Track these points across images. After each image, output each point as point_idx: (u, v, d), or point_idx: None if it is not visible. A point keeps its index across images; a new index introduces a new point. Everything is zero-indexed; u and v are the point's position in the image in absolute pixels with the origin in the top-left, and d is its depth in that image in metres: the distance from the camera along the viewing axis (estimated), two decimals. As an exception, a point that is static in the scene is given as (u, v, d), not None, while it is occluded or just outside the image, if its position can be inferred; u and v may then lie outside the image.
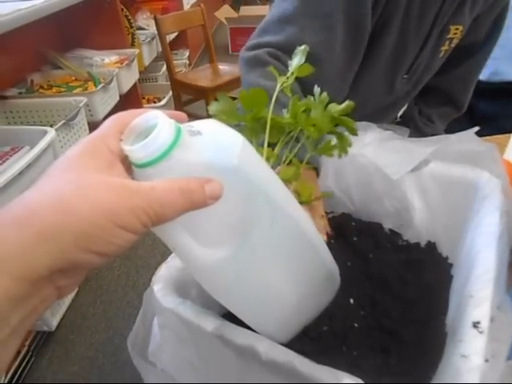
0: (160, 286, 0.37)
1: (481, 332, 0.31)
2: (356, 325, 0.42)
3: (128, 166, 0.25)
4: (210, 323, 0.33)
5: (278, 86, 0.41)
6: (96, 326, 1.31)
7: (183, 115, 0.28)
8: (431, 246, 0.51)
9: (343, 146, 0.45)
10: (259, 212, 0.29)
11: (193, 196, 0.24)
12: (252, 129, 0.40)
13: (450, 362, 0.30)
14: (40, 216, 0.20)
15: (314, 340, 0.38)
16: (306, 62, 0.40)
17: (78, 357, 1.23)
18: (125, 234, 0.22)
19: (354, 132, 0.44)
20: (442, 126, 0.95)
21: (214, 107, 0.37)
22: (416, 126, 0.93)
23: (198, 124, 0.27)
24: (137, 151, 0.24)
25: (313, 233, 0.36)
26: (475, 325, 0.32)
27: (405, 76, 0.81)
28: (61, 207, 0.20)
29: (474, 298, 0.34)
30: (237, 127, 0.28)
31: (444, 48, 0.80)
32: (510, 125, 0.85)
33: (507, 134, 0.86)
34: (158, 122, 0.24)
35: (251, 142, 0.40)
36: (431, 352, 0.37)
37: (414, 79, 0.83)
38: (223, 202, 0.26)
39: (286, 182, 0.42)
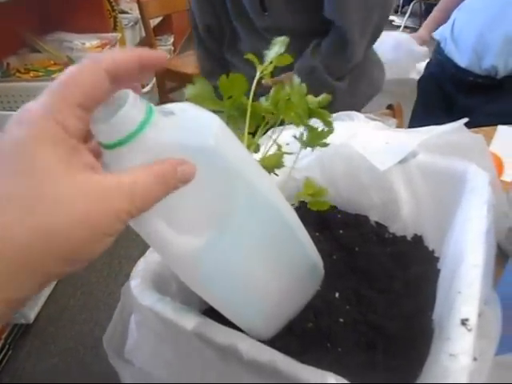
0: (137, 282, 0.35)
1: (469, 330, 0.30)
2: (341, 320, 0.41)
3: (93, 146, 0.23)
4: (189, 321, 0.32)
5: (258, 74, 0.39)
6: (76, 318, 1.28)
7: (162, 56, 0.25)
8: (418, 239, 0.51)
9: (317, 139, 0.43)
10: (238, 197, 0.27)
11: (167, 181, 0.22)
12: (230, 116, 0.38)
13: (438, 361, 0.30)
14: (14, 245, 0.18)
15: (297, 337, 0.37)
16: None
17: (58, 349, 1.20)
18: (108, 239, 0.21)
19: (329, 125, 0.43)
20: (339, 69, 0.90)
21: (190, 90, 0.35)
22: (318, 78, 0.89)
23: (171, 105, 0.26)
24: (105, 131, 0.22)
25: (295, 221, 0.35)
26: (463, 322, 0.31)
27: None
28: (36, 231, 0.18)
29: (462, 294, 0.33)
30: (214, 114, 0.27)
31: None
32: (486, 119, 0.85)
33: (493, 126, 0.86)
34: (127, 101, 0.22)
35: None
36: (418, 348, 0.36)
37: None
38: (199, 185, 0.25)
39: (269, 170, 0.41)
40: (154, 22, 2.39)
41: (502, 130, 0.83)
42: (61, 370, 1.15)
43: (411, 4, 3.88)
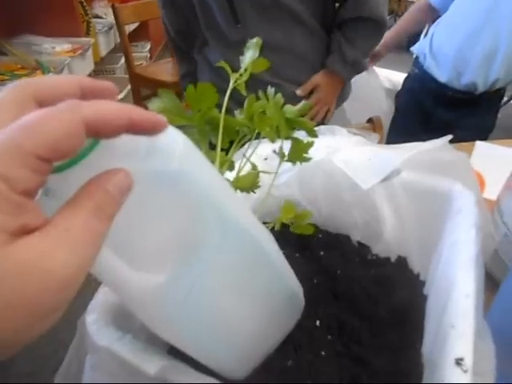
0: (94, 317, 0.31)
1: (465, 371, 0.28)
2: (323, 353, 0.38)
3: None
4: (152, 364, 0.28)
5: (231, 83, 0.35)
6: (39, 339, 1.20)
7: (111, 87, 0.21)
8: (402, 262, 0.48)
9: (299, 153, 0.41)
10: (206, 225, 0.24)
11: (106, 210, 0.18)
12: (201, 131, 0.35)
13: (432, 407, 0.27)
14: None
15: (276, 376, 0.33)
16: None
17: (18, 374, 1.12)
18: (56, 315, 0.17)
19: (313, 134, 0.40)
20: (366, 47, 0.96)
21: (155, 104, 0.31)
22: (340, 50, 0.93)
23: None
24: None
25: (272, 248, 0.31)
26: (458, 362, 0.28)
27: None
28: None
29: (456, 329, 0.30)
30: (182, 129, 0.23)
31: None
32: (464, 135, 0.85)
33: (471, 142, 0.85)
34: None
35: (199, 146, 0.34)
36: (406, 386, 0.33)
37: None
38: (160, 214, 0.21)
39: (244, 191, 0.37)
40: (129, 28, 2.33)
41: (480, 145, 0.82)
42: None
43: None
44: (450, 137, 0.49)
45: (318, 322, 0.41)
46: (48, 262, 0.15)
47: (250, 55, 0.33)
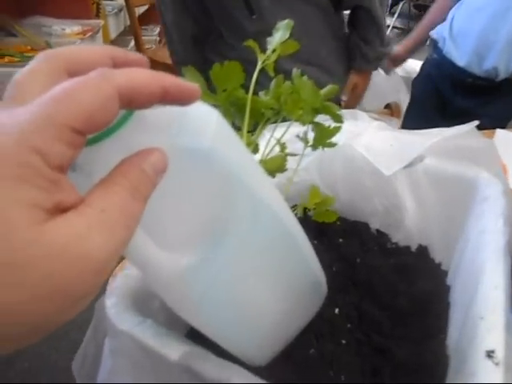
0: (114, 301, 0.30)
1: (496, 364, 0.27)
2: (344, 341, 0.37)
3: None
4: (175, 350, 0.27)
5: (259, 64, 0.34)
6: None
7: (194, 90, 0.19)
8: (423, 251, 0.47)
9: (324, 139, 0.39)
10: (237, 208, 0.23)
11: (142, 191, 0.17)
12: (226, 111, 0.34)
13: (462, 400, 0.26)
14: None
15: (298, 365, 0.33)
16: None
17: (29, 353, 1.13)
18: (88, 299, 0.16)
19: (338, 119, 0.39)
20: (380, 38, 0.98)
21: None
22: (361, 53, 0.98)
23: None
24: None
25: (299, 234, 0.30)
26: (489, 354, 0.27)
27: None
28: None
29: (485, 321, 0.29)
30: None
31: None
32: (482, 123, 0.83)
33: (491, 130, 0.83)
34: None
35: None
36: (432, 378, 0.32)
37: None
38: (191, 193, 0.21)
39: (271, 173, 0.36)
40: (139, 10, 2.30)
41: (501, 134, 0.80)
42: (32, 376, 1.09)
43: (400, 4, 3.87)
44: (476, 122, 0.47)
45: (336, 310, 0.41)
46: (84, 245, 0.15)
47: (279, 36, 0.31)
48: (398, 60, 1.21)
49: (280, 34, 0.33)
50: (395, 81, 1.19)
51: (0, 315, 0.14)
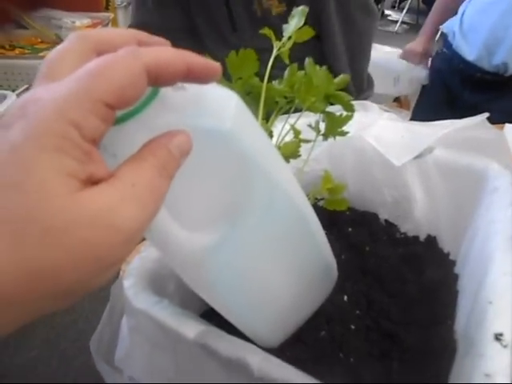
0: (131, 282, 0.31)
1: (505, 346, 0.27)
2: (353, 326, 0.38)
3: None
4: (191, 329, 0.28)
5: (275, 52, 0.35)
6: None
7: (166, 42, 0.21)
8: (431, 241, 0.48)
9: (335, 128, 0.40)
10: (255, 190, 0.24)
11: (169, 169, 0.18)
12: (242, 99, 0.34)
13: (471, 380, 0.26)
14: (2, 285, 0.15)
15: (309, 346, 0.33)
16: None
17: (38, 341, 1.15)
18: (116, 266, 0.17)
19: (350, 109, 0.39)
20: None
21: None
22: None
23: None
24: None
25: (313, 219, 0.31)
26: (497, 337, 0.28)
27: None
28: (23, 267, 0.15)
29: (494, 305, 0.30)
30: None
31: None
32: (492, 117, 0.83)
33: (500, 125, 0.83)
34: None
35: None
36: (439, 361, 0.33)
37: None
38: (211, 174, 0.22)
39: (285, 159, 0.37)
40: (147, 4, 2.30)
41: (510, 128, 0.80)
42: (40, 363, 1.10)
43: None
44: (486, 114, 0.48)
45: (345, 298, 0.41)
46: (115, 216, 0.16)
47: (294, 23, 0.32)
48: (427, 54, 1.18)
49: (295, 21, 0.33)
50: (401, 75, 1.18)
51: (39, 275, 0.15)
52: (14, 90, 1.13)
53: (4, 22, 1.55)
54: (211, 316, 0.32)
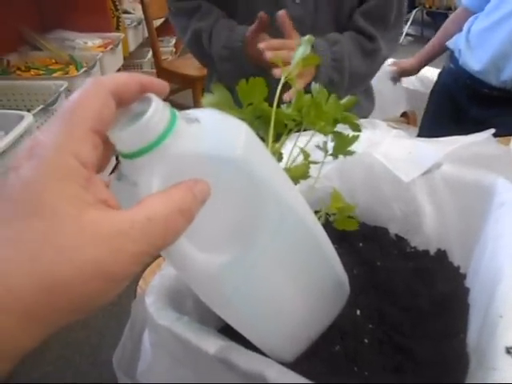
0: (153, 299, 0.32)
1: (516, 359, 0.28)
2: (366, 340, 0.39)
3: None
4: (211, 344, 0.29)
5: (283, 79, 0.36)
6: (72, 325, 1.24)
7: (164, 85, 0.23)
8: (441, 254, 0.48)
9: (344, 147, 0.41)
10: (265, 212, 0.25)
11: (191, 210, 0.21)
12: (251, 124, 0.36)
13: (483, 393, 0.27)
14: (15, 297, 0.16)
15: (324, 360, 0.34)
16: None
17: (53, 356, 1.16)
18: (123, 284, 0.19)
19: (357, 129, 0.41)
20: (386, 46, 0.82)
21: (208, 100, 0.33)
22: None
23: (195, 111, 0.24)
24: (125, 138, 0.20)
25: (323, 236, 0.32)
26: (509, 350, 0.29)
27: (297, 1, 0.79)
28: (40, 283, 0.17)
29: (504, 319, 0.31)
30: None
31: None
32: (497, 132, 0.83)
33: (507, 137, 0.84)
34: (150, 106, 0.20)
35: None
36: (453, 375, 0.33)
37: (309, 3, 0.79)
38: (225, 199, 0.23)
39: (295, 181, 0.38)
40: (156, 23, 2.36)
41: (517, 141, 0.81)
42: (55, 378, 1.12)
43: (413, 11, 3.89)
44: (492, 130, 0.49)
45: (358, 312, 0.42)
46: (123, 240, 0.18)
47: (301, 51, 0.34)
48: (407, 72, 1.21)
49: (302, 49, 0.35)
50: (399, 92, 1.20)
51: (53, 289, 0.16)
52: (29, 110, 1.17)
53: (20, 45, 1.60)
54: (227, 332, 0.33)
